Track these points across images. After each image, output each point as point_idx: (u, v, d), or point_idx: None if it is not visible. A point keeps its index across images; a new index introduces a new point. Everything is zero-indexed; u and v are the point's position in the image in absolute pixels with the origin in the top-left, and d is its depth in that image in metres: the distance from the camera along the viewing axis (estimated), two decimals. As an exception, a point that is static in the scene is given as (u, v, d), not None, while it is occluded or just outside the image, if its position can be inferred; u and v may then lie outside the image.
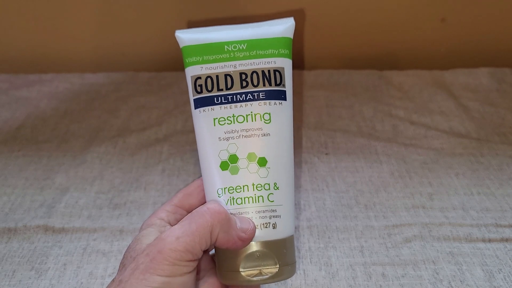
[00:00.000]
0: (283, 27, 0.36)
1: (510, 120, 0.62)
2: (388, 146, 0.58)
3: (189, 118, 0.64)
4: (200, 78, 0.35)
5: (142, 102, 0.68)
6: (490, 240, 0.45)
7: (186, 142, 0.59)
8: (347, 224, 0.47)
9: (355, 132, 0.61)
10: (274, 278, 0.33)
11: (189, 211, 0.35)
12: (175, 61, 0.76)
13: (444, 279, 0.41)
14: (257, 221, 0.33)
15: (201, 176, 0.36)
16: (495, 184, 0.52)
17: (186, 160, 0.56)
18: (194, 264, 0.30)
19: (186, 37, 0.36)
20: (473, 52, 0.76)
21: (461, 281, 0.41)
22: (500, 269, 0.42)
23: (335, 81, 0.71)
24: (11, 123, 0.63)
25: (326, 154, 0.57)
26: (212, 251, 0.36)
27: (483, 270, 0.42)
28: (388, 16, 0.74)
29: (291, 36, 0.36)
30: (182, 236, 0.29)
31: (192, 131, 0.61)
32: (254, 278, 0.32)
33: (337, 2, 0.72)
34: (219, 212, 0.31)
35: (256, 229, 0.33)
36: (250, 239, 0.32)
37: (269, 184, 0.34)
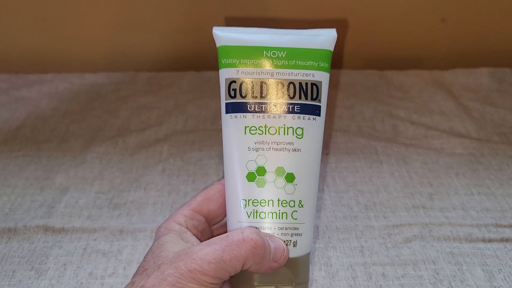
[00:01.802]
0: (325, 38, 0.35)
1: (510, 120, 0.62)
2: (388, 146, 0.58)
3: (189, 118, 0.64)
4: (235, 82, 0.34)
5: (142, 102, 0.68)
6: (490, 240, 0.45)
7: (186, 142, 0.59)
8: (347, 224, 0.47)
9: (355, 132, 0.61)
10: None
11: (207, 217, 0.35)
12: (175, 61, 0.76)
13: (444, 279, 0.41)
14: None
15: (219, 180, 0.35)
16: (495, 184, 0.52)
17: (186, 160, 0.56)
18: (220, 285, 0.30)
19: (224, 36, 0.34)
20: (473, 52, 0.76)
21: (461, 281, 0.41)
22: (500, 269, 0.42)
23: (335, 81, 0.71)
24: (11, 123, 0.63)
25: (326, 154, 0.57)
26: None
27: (483, 270, 0.42)
28: (388, 16, 0.74)
29: (332, 49, 0.35)
30: (214, 263, 0.29)
31: (192, 131, 0.61)
32: None
33: (337, 2, 0.72)
34: (256, 246, 0.30)
35: None
36: (282, 265, 0.32)
37: (294, 201, 0.33)
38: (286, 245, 0.32)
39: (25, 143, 0.59)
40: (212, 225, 0.37)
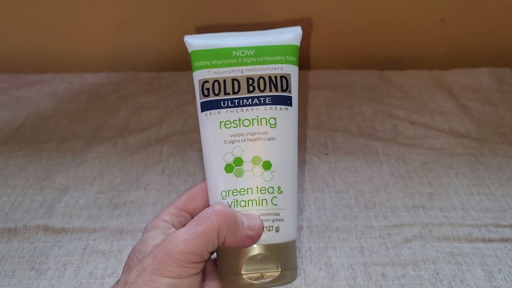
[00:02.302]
0: (291, 35, 0.36)
1: (510, 120, 0.62)
2: (388, 146, 0.58)
3: (189, 118, 0.64)
4: (207, 82, 0.35)
5: (142, 102, 0.68)
6: (490, 240, 0.45)
7: (186, 142, 0.59)
8: (347, 224, 0.47)
9: (355, 132, 0.61)
10: (276, 282, 0.33)
11: (192, 214, 0.35)
12: (175, 61, 0.76)
13: (444, 279, 0.41)
14: None
15: (205, 179, 0.36)
16: (495, 184, 0.52)
17: (186, 160, 0.56)
18: (201, 265, 0.31)
19: (195, 42, 0.36)
20: (473, 52, 0.76)
21: (461, 281, 0.41)
22: (500, 269, 0.42)
23: (335, 81, 0.71)
24: (11, 123, 0.63)
25: (326, 154, 0.57)
26: (214, 255, 0.36)
27: (483, 270, 0.42)
28: (388, 16, 0.74)
29: (298, 44, 0.37)
30: (189, 239, 0.30)
31: (192, 131, 0.61)
32: (256, 282, 0.32)
33: (337, 2, 0.72)
34: (225, 214, 0.31)
35: None
36: (259, 235, 0.33)
37: (273, 188, 0.34)
38: (268, 230, 0.33)
39: (25, 143, 0.59)
40: None
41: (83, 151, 0.58)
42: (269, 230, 0.33)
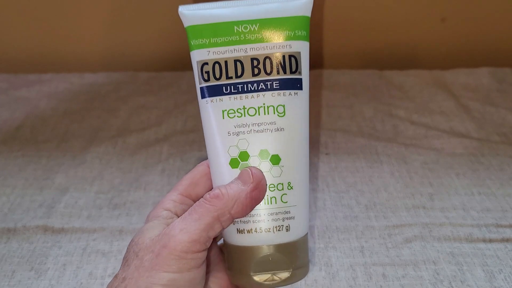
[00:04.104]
0: (300, 3, 0.32)
1: (510, 120, 0.62)
2: (388, 146, 0.58)
3: (189, 118, 0.64)
4: (207, 63, 0.31)
5: (142, 102, 0.67)
6: (490, 240, 0.45)
7: (186, 142, 0.59)
8: (347, 224, 0.47)
9: (355, 132, 0.61)
10: (286, 281, 0.31)
11: (195, 201, 0.33)
12: (175, 61, 0.76)
13: (445, 280, 0.41)
14: (270, 224, 0.31)
15: (204, 161, 0.34)
16: (495, 184, 0.52)
17: (186, 160, 0.56)
18: (202, 256, 0.29)
19: (191, 14, 0.32)
20: (473, 52, 0.76)
21: (461, 282, 0.41)
22: (501, 270, 0.42)
23: (335, 81, 0.71)
24: (10, 123, 0.63)
25: (326, 154, 0.57)
26: (221, 241, 0.34)
27: (483, 270, 0.42)
28: (388, 16, 0.74)
29: (309, 15, 0.32)
30: (186, 227, 0.28)
31: (192, 131, 0.61)
32: (266, 282, 0.31)
33: (337, 2, 0.72)
34: (218, 196, 0.29)
35: (269, 233, 0.31)
36: (261, 186, 0.30)
37: (282, 184, 0.31)
38: (278, 230, 0.31)
39: (24, 143, 0.59)
40: None
41: (83, 151, 0.58)
42: (279, 230, 0.31)
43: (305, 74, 0.32)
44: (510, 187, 0.51)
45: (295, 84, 0.32)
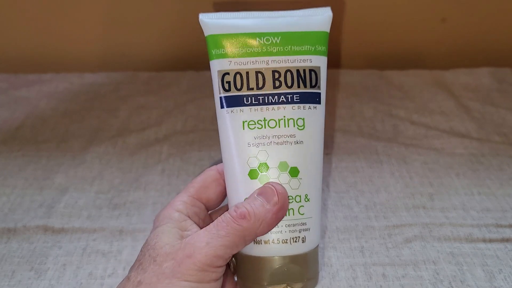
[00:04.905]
0: (320, 19, 0.32)
1: (510, 120, 0.62)
2: (388, 146, 0.58)
3: (189, 118, 0.64)
4: (228, 74, 0.31)
5: (141, 102, 0.67)
6: (490, 240, 0.45)
7: (186, 142, 0.59)
8: (347, 224, 0.47)
9: (355, 132, 0.61)
10: None
11: (206, 205, 0.34)
12: (175, 61, 0.76)
13: (445, 280, 0.41)
14: (287, 236, 0.31)
15: (213, 166, 0.34)
16: (495, 184, 0.52)
17: (186, 160, 0.56)
18: (222, 270, 0.29)
19: (213, 23, 0.32)
20: (473, 52, 0.76)
21: (461, 282, 0.41)
22: (501, 270, 0.42)
23: (335, 81, 0.71)
24: (10, 123, 0.63)
25: (327, 154, 0.57)
26: None
27: (483, 270, 0.42)
28: (388, 16, 0.74)
29: (328, 30, 0.33)
30: (212, 242, 0.28)
31: (192, 131, 0.61)
32: None
33: (337, 2, 0.72)
34: (244, 216, 0.29)
35: (286, 244, 0.31)
36: (285, 203, 0.30)
37: (300, 196, 0.31)
38: (295, 241, 0.31)
39: (24, 143, 0.59)
40: (208, 211, 0.35)
41: (83, 151, 0.58)
42: (295, 241, 0.31)
43: (323, 88, 0.33)
44: (510, 187, 0.51)
45: (315, 98, 0.32)
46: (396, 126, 0.62)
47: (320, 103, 0.32)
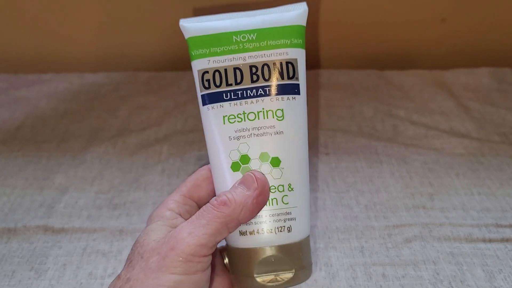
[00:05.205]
0: (295, 13, 0.33)
1: (510, 120, 0.62)
2: (388, 146, 0.58)
3: (189, 118, 0.64)
4: (207, 72, 0.33)
5: (141, 102, 0.67)
6: (490, 240, 0.45)
7: (186, 142, 0.59)
8: (347, 224, 0.47)
9: (355, 132, 0.61)
10: (290, 282, 0.32)
11: (198, 203, 0.34)
12: (175, 61, 0.76)
13: (445, 280, 0.41)
14: (272, 225, 0.32)
15: (205, 165, 0.34)
16: (495, 184, 0.52)
17: (186, 160, 0.56)
18: (208, 260, 0.29)
19: (192, 26, 0.33)
20: (473, 52, 0.76)
21: (461, 282, 0.41)
22: (501, 270, 0.42)
23: (335, 81, 0.71)
24: (10, 123, 0.63)
25: (326, 154, 0.57)
26: (220, 244, 0.35)
27: (483, 270, 0.42)
28: (388, 16, 0.74)
29: (304, 24, 0.33)
30: (195, 231, 0.29)
31: (192, 131, 0.61)
32: (269, 284, 0.31)
33: (337, 2, 0.72)
34: (224, 203, 0.30)
35: (271, 234, 0.31)
36: (265, 189, 0.31)
37: (283, 186, 0.32)
38: (280, 231, 0.32)
39: (24, 143, 0.59)
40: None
41: (83, 151, 0.58)
42: (281, 231, 0.31)
43: (302, 79, 0.33)
44: (510, 187, 0.51)
45: (293, 89, 0.33)
46: (396, 126, 0.62)
47: (299, 94, 0.33)
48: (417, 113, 0.64)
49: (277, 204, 0.32)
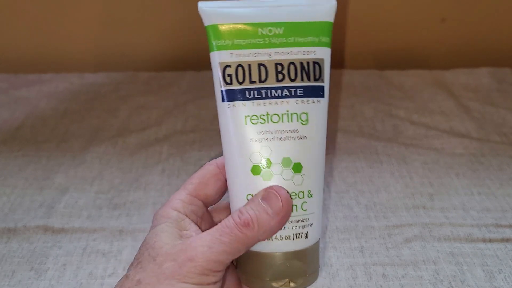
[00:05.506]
0: (325, 8, 0.31)
1: (510, 120, 0.62)
2: (388, 146, 0.58)
3: (189, 118, 0.64)
4: (229, 66, 0.30)
5: (141, 102, 0.67)
6: (490, 240, 0.45)
7: (186, 142, 0.59)
8: (347, 224, 0.47)
9: (355, 132, 0.61)
10: (301, 285, 0.31)
11: (205, 201, 0.33)
12: (175, 61, 0.76)
13: (445, 280, 0.41)
14: (290, 232, 0.30)
15: (212, 160, 0.33)
16: (495, 184, 0.52)
17: (186, 160, 0.56)
18: (222, 274, 0.29)
19: (213, 12, 0.30)
20: (473, 52, 0.76)
21: (461, 282, 0.41)
22: (501, 270, 0.42)
23: (335, 81, 0.71)
24: (10, 123, 0.63)
25: (326, 154, 0.57)
26: None
27: (483, 270, 0.42)
28: (388, 16, 0.74)
29: (332, 20, 0.31)
30: (215, 246, 0.28)
31: (192, 131, 0.61)
32: (282, 287, 0.31)
33: (338, 3, 0.72)
34: (247, 225, 0.29)
35: (289, 240, 0.30)
36: (289, 211, 0.30)
37: (303, 192, 0.31)
38: (297, 237, 0.31)
39: (24, 143, 0.59)
40: (208, 207, 0.35)
41: (83, 151, 0.58)
42: (298, 238, 0.30)
43: (326, 81, 0.32)
44: (510, 187, 0.51)
45: (318, 92, 0.31)
46: (396, 126, 0.62)
47: (323, 97, 0.32)
48: (417, 113, 0.64)
49: (296, 211, 0.31)
